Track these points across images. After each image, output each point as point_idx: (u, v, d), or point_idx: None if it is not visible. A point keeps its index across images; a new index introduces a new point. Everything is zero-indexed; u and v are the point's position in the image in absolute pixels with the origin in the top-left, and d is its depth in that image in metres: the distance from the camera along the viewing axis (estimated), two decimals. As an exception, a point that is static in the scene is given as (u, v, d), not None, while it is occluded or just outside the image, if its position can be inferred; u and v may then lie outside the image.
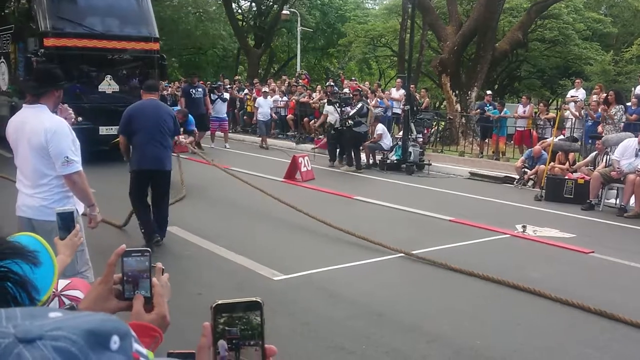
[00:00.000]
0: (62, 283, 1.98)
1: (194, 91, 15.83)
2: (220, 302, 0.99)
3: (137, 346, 0.69)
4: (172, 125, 6.72)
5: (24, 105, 4.11)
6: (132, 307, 1.32)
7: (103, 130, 12.76)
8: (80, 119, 11.95)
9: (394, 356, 4.27)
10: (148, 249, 1.36)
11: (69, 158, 3.83)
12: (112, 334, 0.64)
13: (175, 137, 7.15)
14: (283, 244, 7.13)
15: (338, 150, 14.04)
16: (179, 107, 13.83)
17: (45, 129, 3.82)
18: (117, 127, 12.65)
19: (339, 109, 13.88)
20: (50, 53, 12.14)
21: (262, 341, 0.98)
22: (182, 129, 8.24)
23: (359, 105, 13.35)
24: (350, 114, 13.20)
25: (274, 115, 19.08)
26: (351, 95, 14.34)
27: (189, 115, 11.14)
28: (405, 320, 4.89)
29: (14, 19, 14.66)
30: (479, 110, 16.37)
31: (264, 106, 18.54)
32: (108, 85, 13.17)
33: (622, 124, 11.77)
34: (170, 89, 21.66)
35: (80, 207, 4.08)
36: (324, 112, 15.85)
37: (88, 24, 12.81)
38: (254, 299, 1.00)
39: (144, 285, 1.33)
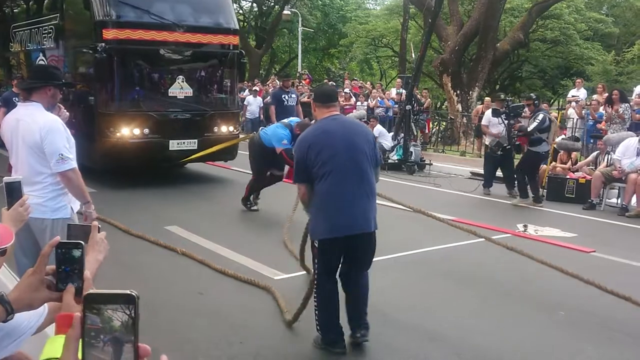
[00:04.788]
0: None
1: (286, 97, 12.47)
2: (92, 291, 0.94)
3: None
4: (375, 157, 4.28)
5: (18, 103, 4.12)
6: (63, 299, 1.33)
7: (174, 144, 10.37)
8: (146, 130, 10.02)
9: (397, 355, 4.27)
10: (81, 242, 1.37)
11: (63, 155, 3.83)
12: None
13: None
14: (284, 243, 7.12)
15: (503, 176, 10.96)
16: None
17: (39, 126, 3.83)
18: (191, 140, 10.45)
19: (505, 121, 10.51)
20: (111, 48, 9.76)
21: (134, 337, 0.92)
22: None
23: (540, 116, 9.94)
24: (530, 129, 9.94)
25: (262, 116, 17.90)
26: (524, 104, 10.87)
27: None
28: (408, 319, 4.88)
29: (59, 6, 11.87)
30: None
31: (253, 104, 18.33)
32: (180, 89, 10.53)
33: (629, 122, 11.71)
34: None
35: (75, 205, 4.09)
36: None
37: (157, 12, 10.24)
38: (128, 292, 0.95)
39: (76, 276, 1.34)
